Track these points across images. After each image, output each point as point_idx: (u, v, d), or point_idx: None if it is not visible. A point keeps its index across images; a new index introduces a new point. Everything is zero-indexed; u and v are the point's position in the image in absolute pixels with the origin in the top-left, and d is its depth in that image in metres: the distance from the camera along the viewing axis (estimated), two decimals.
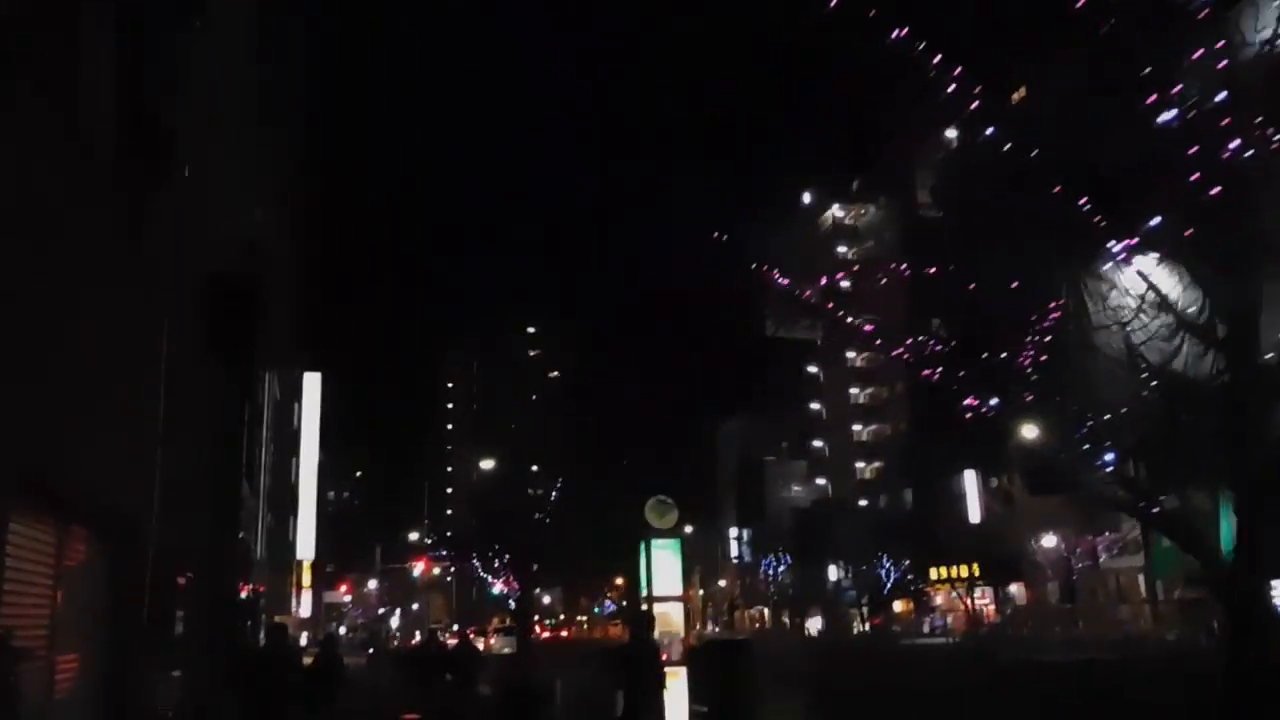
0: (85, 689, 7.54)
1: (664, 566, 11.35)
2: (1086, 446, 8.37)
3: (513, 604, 32.33)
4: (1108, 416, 9.60)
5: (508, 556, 32.11)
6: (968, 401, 9.14)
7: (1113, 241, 9.41)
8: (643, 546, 11.50)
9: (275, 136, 29.38)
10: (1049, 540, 38.80)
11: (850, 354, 73.50)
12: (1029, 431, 32.95)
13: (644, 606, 11.04)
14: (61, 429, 6.88)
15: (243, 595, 22.51)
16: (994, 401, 9.18)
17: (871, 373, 72.27)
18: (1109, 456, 8.68)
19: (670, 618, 10.94)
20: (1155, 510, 8.15)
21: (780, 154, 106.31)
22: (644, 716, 8.63)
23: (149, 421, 10.04)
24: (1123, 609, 37.72)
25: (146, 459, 9.73)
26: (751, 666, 10.21)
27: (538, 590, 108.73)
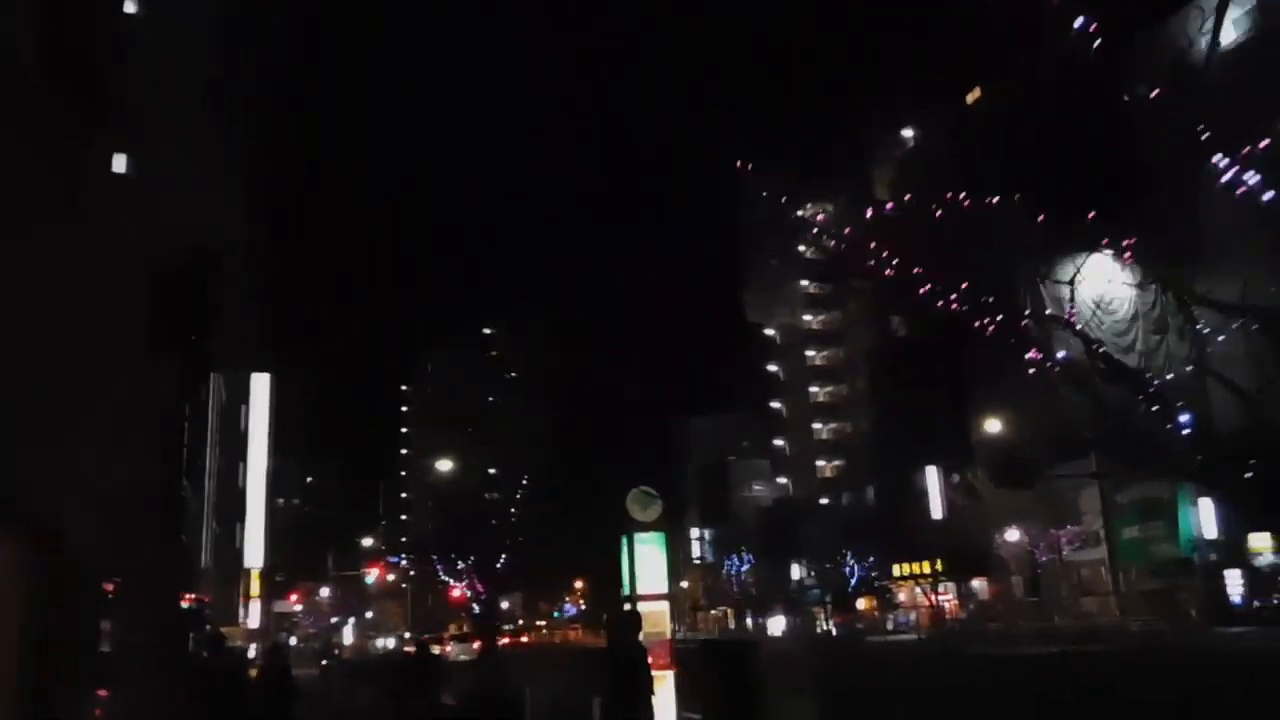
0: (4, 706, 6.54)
1: (648, 562, 10.48)
2: (1156, 408, 7.76)
3: (476, 608, 31.29)
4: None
5: (472, 559, 31.10)
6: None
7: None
8: (624, 541, 10.65)
9: (234, 129, 28.43)
10: (1013, 535, 38.62)
11: (809, 352, 73.37)
12: (991, 426, 32.52)
13: (627, 606, 10.21)
14: None
15: (185, 605, 21.34)
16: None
17: (830, 371, 72.20)
18: (1184, 418, 8.09)
19: (655, 618, 10.08)
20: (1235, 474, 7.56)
21: (740, 148, 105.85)
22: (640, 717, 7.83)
23: (78, 417, 9.07)
24: (1085, 601, 37.66)
25: (72, 457, 8.74)
26: (759, 671, 9.30)
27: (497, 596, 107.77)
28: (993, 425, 36.59)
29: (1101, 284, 46.05)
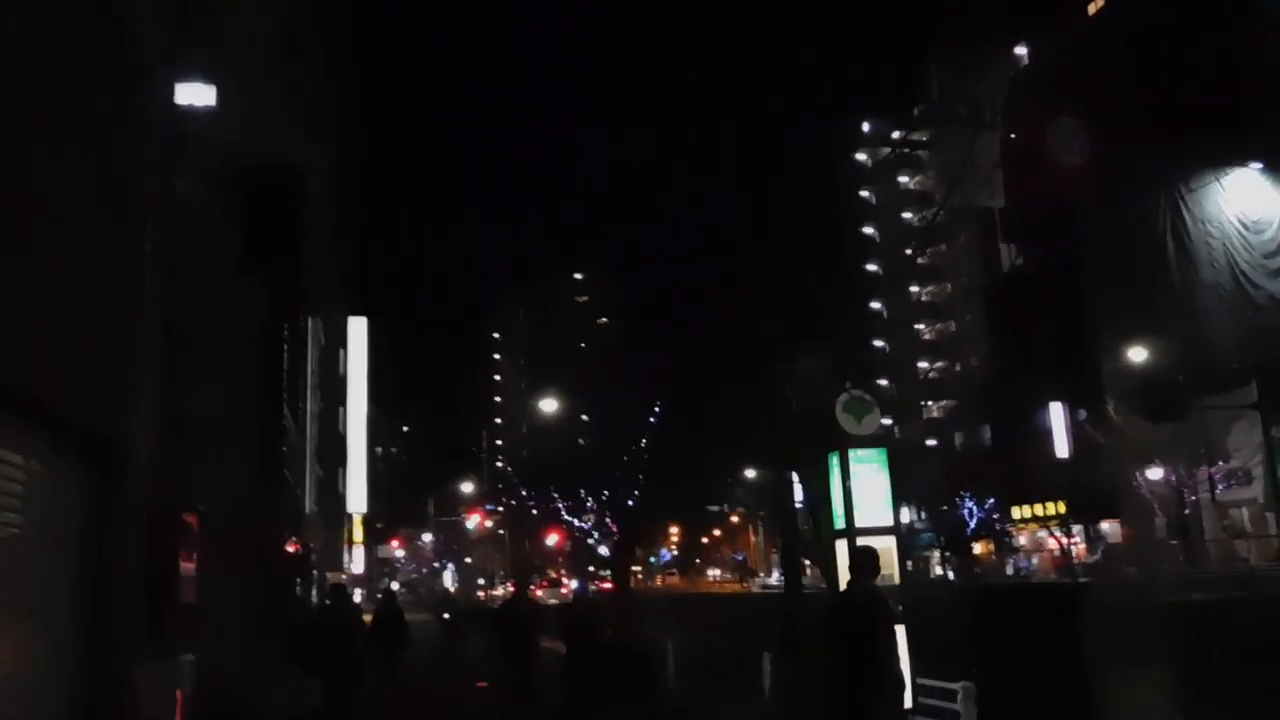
0: (49, 672, 5.10)
1: (868, 486, 8.56)
2: None
3: (605, 550, 29.84)
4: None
5: (606, 494, 29.58)
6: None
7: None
8: (832, 461, 8.77)
9: (317, 68, 27.49)
10: (1155, 473, 35.66)
11: (914, 288, 70.19)
12: (1136, 355, 29.29)
13: (841, 541, 8.40)
14: (31, 329, 4.60)
15: (291, 550, 20.46)
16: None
17: (938, 308, 68.98)
18: None
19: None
20: None
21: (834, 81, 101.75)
22: (882, 702, 5.99)
23: (147, 329, 7.67)
24: (1239, 544, 34.70)
25: (137, 375, 7.29)
26: (1084, 628, 7.16)
27: (592, 539, 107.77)
28: (1137, 354, 33.58)
29: (1248, 202, 42.31)
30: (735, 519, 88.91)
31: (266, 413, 13.37)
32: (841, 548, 8.45)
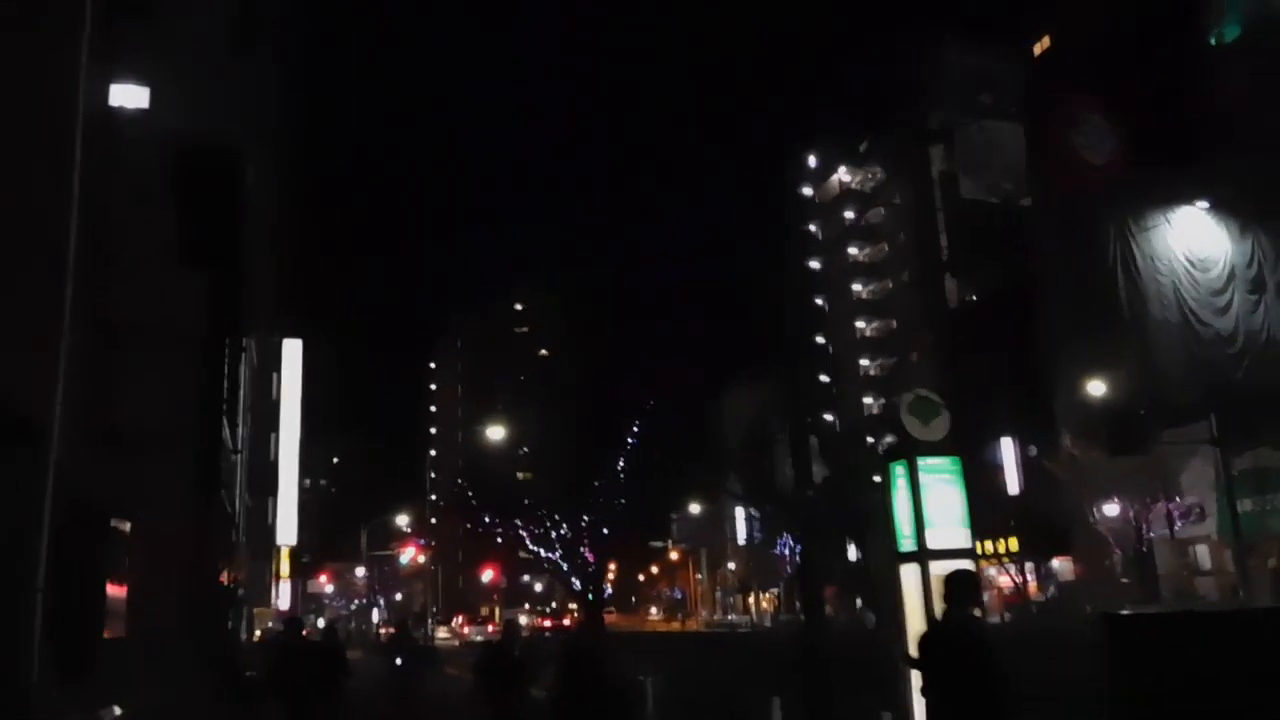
0: None
1: (940, 500, 7.41)
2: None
3: (576, 584, 28.15)
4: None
5: (586, 519, 27.93)
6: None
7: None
8: (895, 472, 7.57)
9: (258, 71, 26.28)
10: (1111, 508, 35.33)
11: (859, 324, 70.17)
12: (1095, 389, 28.72)
13: (908, 566, 7.20)
14: None
15: (224, 581, 18.62)
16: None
17: (880, 342, 68.99)
18: None
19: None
20: None
21: (782, 114, 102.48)
22: None
23: (65, 314, 6.64)
24: (1200, 581, 34.47)
25: (55, 360, 6.27)
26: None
27: (527, 577, 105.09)
28: (1096, 387, 33.31)
29: (1194, 240, 42.84)
30: (675, 555, 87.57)
31: (206, 424, 11.83)
32: (909, 574, 7.28)
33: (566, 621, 58.55)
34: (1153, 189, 40.35)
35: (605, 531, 28.11)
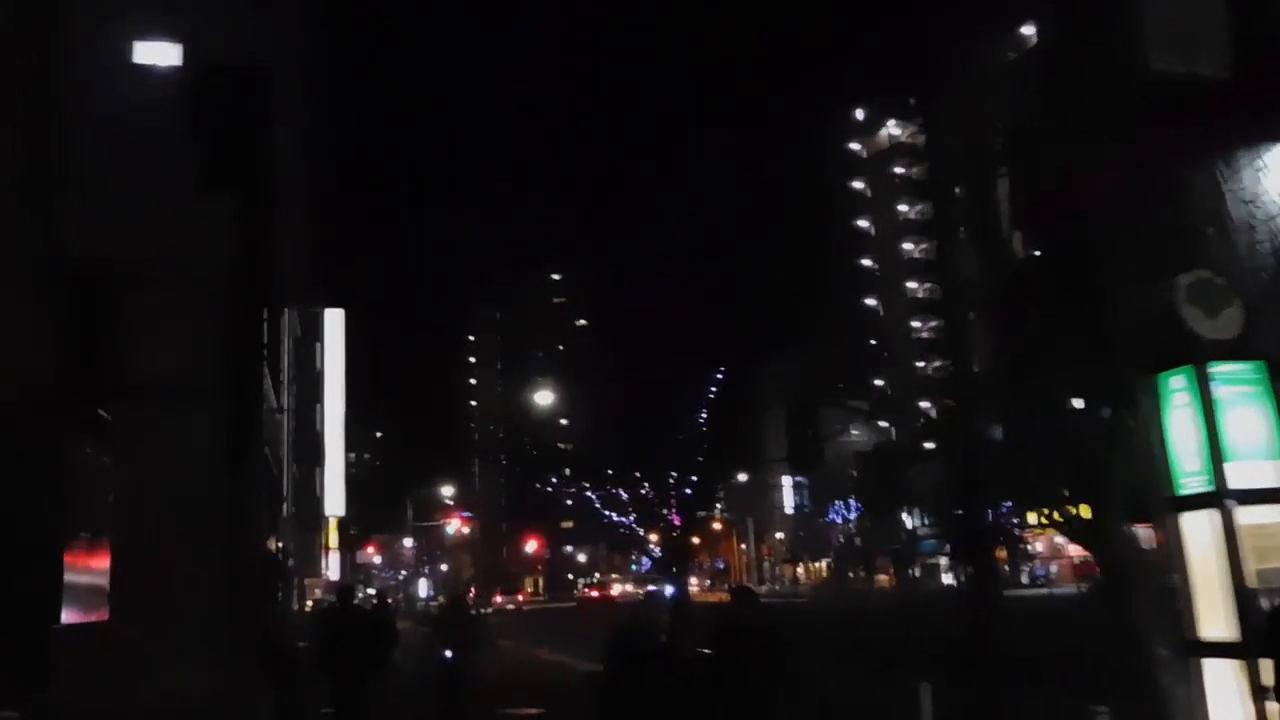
0: None
1: (1244, 423, 5.53)
2: None
3: (656, 550, 26.74)
4: None
5: (674, 475, 26.52)
6: None
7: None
8: (1166, 386, 5.87)
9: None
10: None
11: (911, 284, 68.11)
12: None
13: (1197, 514, 5.66)
14: None
15: (270, 550, 17.55)
16: None
17: (934, 303, 66.82)
18: None
19: (1274, 537, 5.45)
20: None
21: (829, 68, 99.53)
22: None
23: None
24: None
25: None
26: None
27: (570, 548, 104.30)
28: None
29: None
30: (718, 525, 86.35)
31: (243, 374, 10.58)
32: (1198, 525, 5.60)
33: (614, 592, 57.43)
34: (1239, 131, 37.97)
35: (689, 492, 26.70)
